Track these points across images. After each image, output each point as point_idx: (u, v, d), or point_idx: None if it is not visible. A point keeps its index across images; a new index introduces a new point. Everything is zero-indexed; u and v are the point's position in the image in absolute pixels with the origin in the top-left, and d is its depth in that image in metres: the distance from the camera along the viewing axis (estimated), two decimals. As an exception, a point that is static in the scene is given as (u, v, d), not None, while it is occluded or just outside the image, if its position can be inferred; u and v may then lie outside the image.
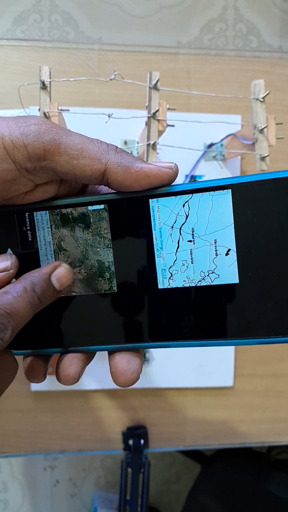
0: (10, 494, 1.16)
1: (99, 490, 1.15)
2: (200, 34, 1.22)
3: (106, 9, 1.19)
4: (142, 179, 0.20)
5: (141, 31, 1.20)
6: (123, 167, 0.20)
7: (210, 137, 0.52)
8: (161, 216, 0.21)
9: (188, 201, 0.20)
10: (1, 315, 0.18)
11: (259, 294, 0.20)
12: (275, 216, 0.19)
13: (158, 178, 0.20)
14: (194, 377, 0.54)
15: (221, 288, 0.20)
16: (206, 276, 0.20)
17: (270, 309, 0.20)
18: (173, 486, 1.18)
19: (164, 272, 0.21)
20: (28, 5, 1.17)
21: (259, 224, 0.19)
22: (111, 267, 0.22)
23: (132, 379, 0.21)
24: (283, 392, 0.56)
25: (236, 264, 0.20)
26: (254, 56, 0.54)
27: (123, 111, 0.50)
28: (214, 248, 0.20)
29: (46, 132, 0.20)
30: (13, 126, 0.19)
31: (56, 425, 0.54)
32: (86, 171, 0.20)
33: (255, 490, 0.70)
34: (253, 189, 0.19)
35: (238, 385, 0.55)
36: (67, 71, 0.51)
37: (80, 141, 0.20)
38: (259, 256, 0.20)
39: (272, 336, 0.20)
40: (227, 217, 0.20)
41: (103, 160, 0.20)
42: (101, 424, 0.54)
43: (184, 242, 0.21)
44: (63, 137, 0.20)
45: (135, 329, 0.22)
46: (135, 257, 0.21)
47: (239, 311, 0.20)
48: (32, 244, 0.22)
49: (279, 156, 0.54)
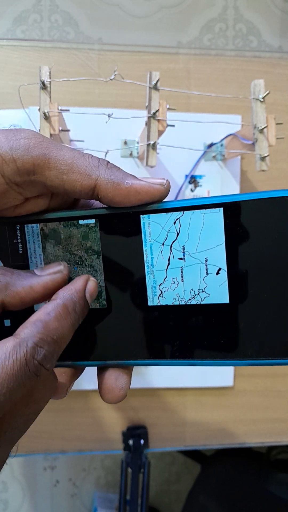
0: (10, 494, 1.16)
1: (99, 490, 1.15)
2: (200, 34, 1.22)
3: (106, 9, 1.19)
4: (133, 195, 0.20)
5: (141, 31, 1.20)
6: (113, 183, 0.20)
7: (210, 137, 0.52)
8: (152, 232, 0.21)
9: (180, 218, 0.20)
10: (48, 343, 0.17)
11: (249, 315, 0.19)
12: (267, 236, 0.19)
13: (149, 195, 0.20)
14: (194, 377, 0.54)
15: (211, 308, 0.20)
16: (196, 294, 0.20)
17: (260, 331, 0.19)
18: (173, 486, 1.18)
19: (154, 289, 0.21)
20: (28, 5, 1.17)
21: (251, 244, 0.19)
22: (101, 283, 0.22)
23: (119, 396, 0.21)
24: (283, 392, 0.56)
25: (227, 283, 0.20)
26: (254, 56, 0.54)
27: (123, 111, 0.50)
28: (205, 267, 0.20)
29: (36, 146, 0.19)
30: (2, 139, 0.19)
31: (56, 425, 0.54)
32: (76, 186, 0.20)
33: (255, 490, 0.70)
34: (246, 208, 0.19)
35: (238, 385, 0.55)
36: (67, 71, 0.51)
37: (70, 155, 0.20)
38: (250, 276, 0.19)
39: (262, 358, 0.19)
40: (218, 236, 0.20)
41: (93, 175, 0.20)
42: (101, 424, 0.54)
43: (175, 260, 0.20)
44: (53, 152, 0.20)
45: (124, 346, 0.21)
46: (125, 273, 0.21)
47: (229, 331, 0.20)
48: (23, 256, 0.22)
49: (279, 156, 0.54)
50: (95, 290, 0.21)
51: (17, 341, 0.17)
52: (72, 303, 0.19)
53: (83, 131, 0.50)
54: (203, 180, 0.53)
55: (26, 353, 0.17)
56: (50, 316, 0.18)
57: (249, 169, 0.54)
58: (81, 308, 0.20)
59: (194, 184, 0.52)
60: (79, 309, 0.19)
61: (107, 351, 0.22)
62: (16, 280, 0.20)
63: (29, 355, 0.17)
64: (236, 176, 0.53)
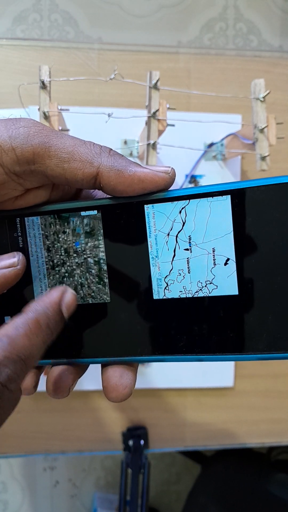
0: (9, 494, 1.16)
1: (99, 491, 1.15)
2: (200, 34, 1.22)
3: (106, 8, 1.19)
4: (136, 184, 0.19)
5: (141, 30, 1.20)
6: (116, 171, 0.19)
7: (210, 137, 0.52)
8: (157, 222, 0.20)
9: (185, 207, 0.19)
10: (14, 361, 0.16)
11: (259, 307, 0.19)
12: (277, 224, 0.18)
13: (153, 183, 0.19)
14: (194, 378, 0.54)
15: (219, 300, 0.19)
16: (203, 286, 0.19)
17: (271, 323, 0.18)
18: (173, 487, 1.18)
19: (159, 282, 0.20)
20: (28, 5, 1.17)
21: (260, 232, 0.18)
22: (104, 276, 0.21)
23: (124, 394, 0.20)
24: (284, 392, 0.56)
25: (236, 274, 0.19)
26: (254, 55, 0.54)
27: (123, 110, 0.50)
28: (212, 257, 0.19)
29: (36, 135, 0.19)
30: (1, 128, 0.19)
31: (56, 426, 0.54)
32: (78, 174, 0.19)
33: (256, 491, 0.70)
34: (254, 195, 0.18)
35: (238, 386, 0.55)
36: (67, 71, 0.51)
37: (71, 143, 0.19)
38: (260, 266, 0.18)
39: (273, 352, 0.18)
40: (226, 225, 0.19)
41: (95, 163, 0.19)
42: (101, 425, 0.54)
43: (181, 251, 0.19)
44: (54, 140, 0.19)
45: (128, 342, 0.21)
46: (129, 266, 0.20)
47: (238, 324, 0.19)
48: (23, 250, 0.22)
49: (279, 156, 0.54)
50: (73, 303, 0.19)
51: None
52: (45, 317, 0.17)
53: (83, 130, 0.50)
54: (203, 180, 0.52)
55: None
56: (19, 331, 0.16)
57: (250, 169, 0.54)
58: (55, 323, 0.18)
59: (194, 184, 0.52)
60: (53, 324, 0.18)
61: (111, 347, 0.21)
62: None
63: None
64: (236, 176, 0.53)
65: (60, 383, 0.21)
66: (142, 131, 0.45)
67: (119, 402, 0.20)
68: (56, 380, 0.21)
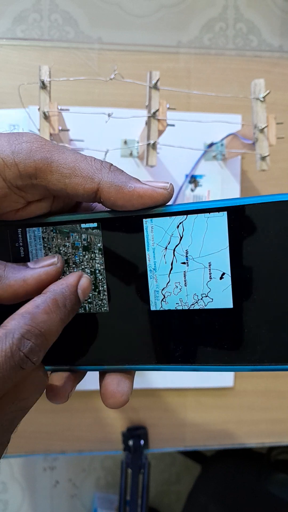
0: (9, 494, 1.16)
1: (99, 491, 1.15)
2: (200, 34, 1.22)
3: (106, 8, 1.19)
4: (135, 199, 0.19)
5: (141, 30, 1.20)
6: (116, 186, 0.19)
7: (210, 137, 0.52)
8: (155, 236, 0.20)
9: (183, 222, 0.20)
10: (36, 335, 0.17)
11: (253, 320, 0.19)
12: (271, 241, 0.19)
13: (152, 199, 0.20)
14: (194, 378, 0.54)
15: (215, 313, 0.20)
16: (199, 299, 0.20)
17: (264, 336, 0.19)
18: (173, 487, 1.18)
19: (156, 294, 0.21)
20: (28, 5, 1.17)
21: (255, 248, 0.19)
22: (103, 287, 0.21)
23: (121, 402, 0.20)
24: (284, 392, 0.56)
25: (231, 288, 0.19)
26: (254, 55, 0.54)
27: (123, 110, 0.50)
28: (208, 271, 0.20)
29: (38, 150, 0.19)
30: (4, 143, 0.19)
31: (56, 426, 0.54)
32: (79, 190, 0.19)
33: (256, 491, 0.70)
34: (250, 212, 0.19)
35: (238, 386, 0.55)
36: (67, 71, 0.51)
37: (72, 159, 0.19)
38: (254, 281, 0.19)
39: (266, 364, 0.19)
40: (222, 240, 0.19)
41: (96, 179, 0.19)
42: (101, 425, 0.54)
43: (178, 264, 0.20)
44: (55, 155, 0.19)
45: (126, 351, 0.21)
46: (128, 277, 0.21)
47: (232, 336, 0.20)
48: (25, 260, 0.22)
49: (279, 156, 0.54)
50: (88, 287, 0.20)
51: (3, 331, 0.17)
52: (62, 297, 0.19)
53: (83, 130, 0.50)
54: (203, 180, 0.52)
55: (12, 344, 0.16)
56: (39, 308, 0.18)
57: (250, 169, 0.54)
58: (72, 304, 0.19)
59: (194, 184, 0.52)
60: (69, 304, 0.19)
61: (109, 355, 0.21)
62: (9, 273, 0.19)
63: (15, 347, 0.16)
64: (236, 176, 0.53)
65: (59, 389, 0.21)
66: (142, 131, 0.45)
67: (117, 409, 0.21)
68: (55, 386, 0.21)
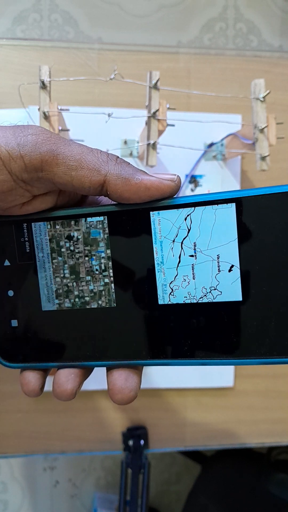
0: (9, 494, 1.16)
1: (99, 491, 1.15)
2: (200, 34, 1.22)
3: (106, 8, 1.19)
4: (142, 191, 0.19)
5: (141, 30, 1.20)
6: (123, 179, 0.19)
7: (210, 137, 0.52)
8: (162, 229, 0.20)
9: (191, 215, 0.20)
10: None
11: (262, 312, 0.19)
12: (281, 232, 0.18)
13: (159, 191, 0.19)
14: (194, 378, 0.54)
15: (224, 306, 0.20)
16: (208, 292, 0.20)
17: (273, 329, 0.19)
18: (173, 487, 1.18)
19: (164, 288, 0.20)
20: (27, 5, 1.17)
21: (264, 240, 0.19)
22: (110, 281, 0.21)
23: (129, 397, 0.20)
24: (284, 392, 0.56)
25: (240, 281, 0.19)
26: (254, 55, 0.54)
27: (123, 110, 0.50)
28: (217, 264, 0.19)
29: (44, 143, 0.19)
30: (9, 136, 0.19)
31: (56, 426, 0.54)
32: (85, 182, 0.19)
33: (256, 491, 0.70)
34: (259, 203, 0.19)
35: (238, 386, 0.55)
36: (67, 71, 0.51)
37: (79, 151, 0.19)
38: (263, 273, 0.19)
39: (275, 357, 0.19)
40: (230, 232, 0.19)
41: (102, 171, 0.19)
42: (101, 425, 0.54)
43: (186, 257, 0.20)
44: (61, 148, 0.19)
45: (134, 346, 0.21)
46: (135, 271, 0.21)
47: (241, 329, 0.19)
48: (30, 255, 0.22)
49: (279, 156, 0.54)
50: None
51: None
52: None
53: (83, 130, 0.50)
54: (203, 180, 0.52)
55: None
56: None
57: (250, 169, 0.54)
58: None
59: (194, 184, 0.52)
60: None
61: (117, 351, 0.21)
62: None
63: None
64: (236, 176, 0.53)
65: (66, 385, 0.21)
66: (142, 131, 0.45)
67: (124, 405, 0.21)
68: (62, 383, 0.21)
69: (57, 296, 0.22)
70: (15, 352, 0.22)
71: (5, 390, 0.53)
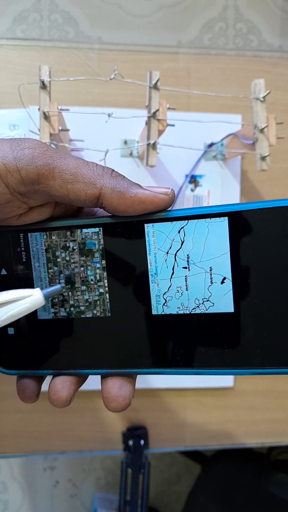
0: (9, 494, 1.16)
1: (99, 491, 1.15)
2: (200, 34, 1.22)
3: (106, 8, 1.19)
4: (137, 205, 0.20)
5: (141, 30, 1.20)
6: (118, 192, 0.19)
7: (210, 137, 0.52)
8: (156, 241, 0.21)
9: (184, 227, 0.20)
10: None
11: (254, 324, 0.19)
12: (272, 246, 0.19)
13: (154, 204, 0.20)
14: (194, 378, 0.54)
15: (216, 317, 0.20)
16: (200, 304, 0.20)
17: (265, 340, 0.19)
18: (173, 487, 1.18)
19: (158, 298, 0.21)
20: (27, 5, 1.17)
21: (256, 253, 0.19)
22: (105, 291, 0.22)
23: (123, 405, 0.21)
24: (284, 392, 0.56)
25: (232, 293, 0.20)
26: (254, 55, 0.54)
27: (123, 110, 0.50)
28: (210, 276, 0.20)
29: (40, 156, 0.19)
30: (6, 149, 0.19)
31: (56, 426, 0.54)
32: (81, 195, 0.20)
33: (255, 491, 0.70)
34: (251, 217, 0.19)
35: (238, 386, 0.55)
36: (67, 71, 0.51)
37: (75, 165, 0.20)
38: (255, 286, 0.19)
39: (267, 367, 0.19)
40: (223, 245, 0.20)
41: (98, 185, 0.20)
42: (101, 425, 0.54)
43: (179, 269, 0.20)
44: (58, 161, 0.19)
45: (128, 355, 0.21)
46: (129, 282, 0.21)
47: (233, 340, 0.20)
48: (27, 265, 0.22)
49: (279, 156, 0.54)
50: None
51: None
52: None
53: (83, 130, 0.50)
54: (203, 180, 0.52)
55: None
56: None
57: (250, 169, 0.54)
58: None
59: (194, 184, 0.52)
60: None
61: (111, 359, 0.22)
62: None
63: None
64: (236, 176, 0.53)
65: (62, 393, 0.21)
66: (142, 131, 0.45)
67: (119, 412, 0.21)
68: (58, 390, 0.21)
69: (52, 305, 0.22)
70: (11, 360, 0.23)
71: (5, 390, 0.53)
